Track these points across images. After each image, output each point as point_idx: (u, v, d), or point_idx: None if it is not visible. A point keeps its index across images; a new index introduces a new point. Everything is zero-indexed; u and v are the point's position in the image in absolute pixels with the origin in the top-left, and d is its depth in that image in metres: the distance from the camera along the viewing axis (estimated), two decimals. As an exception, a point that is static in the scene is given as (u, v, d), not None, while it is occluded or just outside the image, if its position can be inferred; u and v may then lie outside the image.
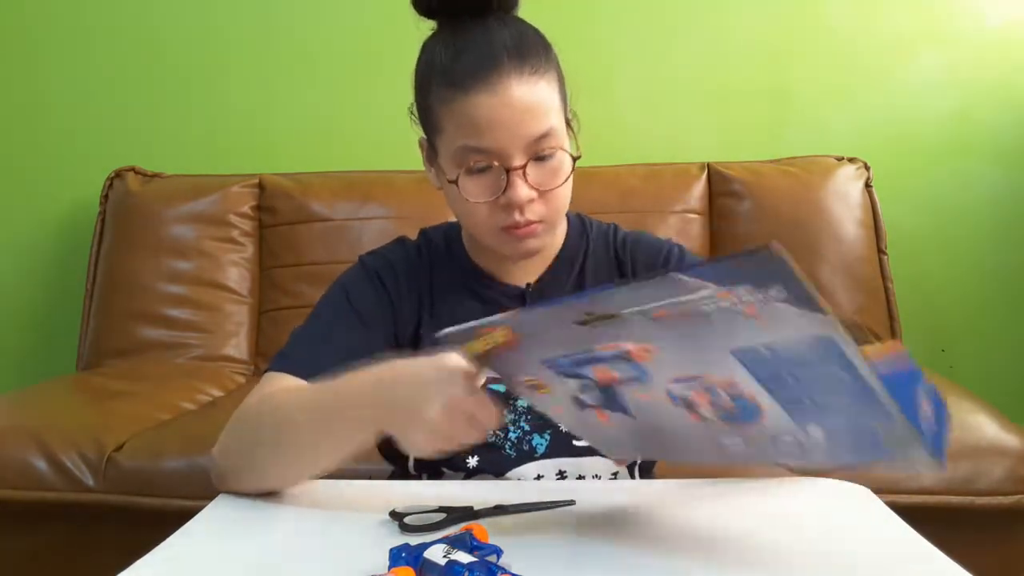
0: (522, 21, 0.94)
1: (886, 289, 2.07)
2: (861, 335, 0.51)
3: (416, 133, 0.99)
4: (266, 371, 0.96)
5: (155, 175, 2.27)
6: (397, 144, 2.30)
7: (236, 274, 2.17)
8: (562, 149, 0.91)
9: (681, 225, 2.10)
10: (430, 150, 0.97)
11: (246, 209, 2.20)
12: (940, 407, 0.57)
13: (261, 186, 2.22)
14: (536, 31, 0.93)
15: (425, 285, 1.02)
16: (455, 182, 0.90)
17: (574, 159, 0.92)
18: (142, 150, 2.33)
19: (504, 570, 0.61)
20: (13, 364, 2.40)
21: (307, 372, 0.91)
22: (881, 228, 2.09)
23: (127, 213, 2.19)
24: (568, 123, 0.94)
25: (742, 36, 2.29)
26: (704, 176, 2.16)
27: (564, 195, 0.94)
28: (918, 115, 2.26)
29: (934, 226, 2.26)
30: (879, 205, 2.10)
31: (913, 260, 2.22)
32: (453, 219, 1.05)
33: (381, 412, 0.78)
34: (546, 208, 0.92)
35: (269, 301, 2.17)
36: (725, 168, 2.15)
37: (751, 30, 2.29)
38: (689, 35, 2.31)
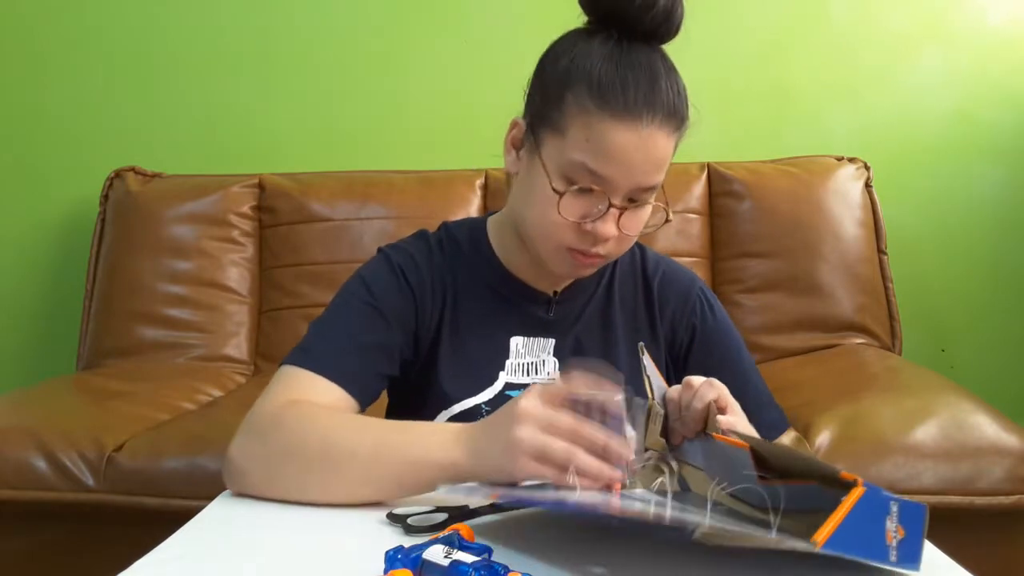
0: (674, 65, 0.94)
1: (886, 289, 2.07)
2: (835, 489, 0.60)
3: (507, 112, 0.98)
4: (283, 363, 0.93)
5: (155, 175, 2.27)
6: (397, 144, 2.32)
7: (236, 274, 2.16)
8: (657, 204, 0.93)
9: (681, 225, 2.10)
10: (528, 137, 0.94)
11: (246, 209, 2.20)
12: (914, 514, 0.62)
13: (261, 186, 2.22)
14: (683, 81, 0.95)
15: (448, 283, 1.01)
16: (561, 193, 0.89)
17: (667, 220, 0.95)
18: (142, 150, 2.33)
19: (509, 569, 0.61)
20: (13, 364, 2.40)
21: (328, 371, 0.90)
22: (881, 228, 2.09)
23: (127, 213, 2.19)
24: None
25: (742, 36, 2.29)
26: (704, 176, 2.15)
27: (633, 241, 0.96)
28: (918, 115, 2.26)
29: (934, 226, 2.26)
30: (879, 205, 2.10)
31: (913, 260, 2.22)
32: (461, 217, 1.04)
33: (459, 470, 0.77)
34: (616, 247, 0.94)
35: (269, 301, 2.16)
36: (725, 168, 2.15)
37: (751, 30, 2.29)
38: (689, 35, 2.30)
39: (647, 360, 0.84)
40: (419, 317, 0.98)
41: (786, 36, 2.29)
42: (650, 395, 0.82)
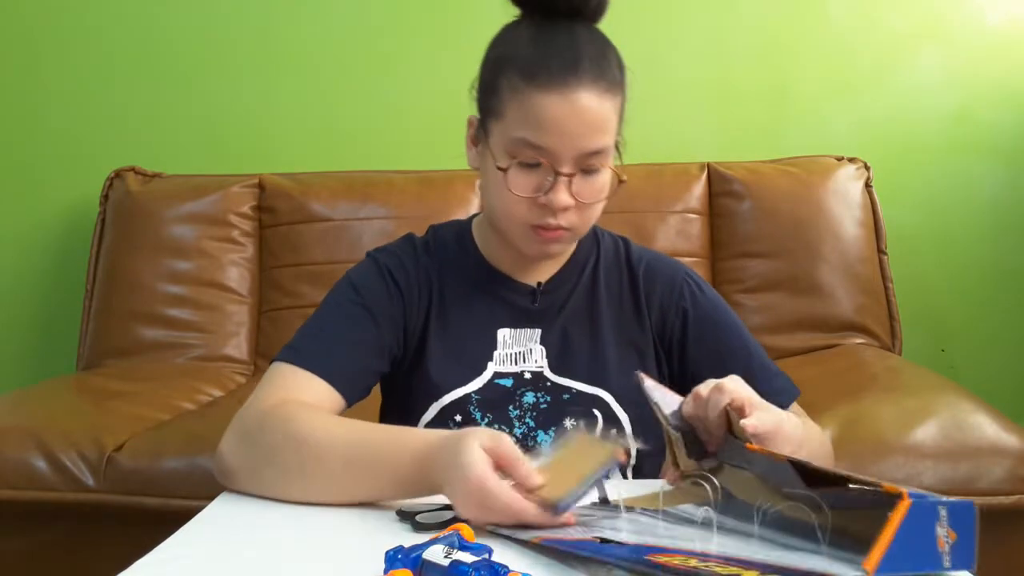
0: (606, 37, 0.96)
1: (886, 289, 2.07)
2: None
3: (468, 111, 1.02)
4: (274, 361, 0.97)
5: (155, 175, 2.27)
6: (397, 144, 2.32)
7: (236, 274, 2.16)
8: (609, 168, 0.94)
9: (681, 225, 2.10)
10: (479, 130, 0.99)
11: (246, 209, 2.19)
12: (964, 513, 0.58)
13: (261, 186, 2.21)
14: (617, 51, 0.96)
15: (434, 282, 1.03)
16: (505, 170, 0.92)
17: (620, 181, 0.95)
18: (142, 150, 2.33)
19: (509, 569, 0.61)
20: (13, 364, 2.39)
21: (317, 368, 0.93)
22: (881, 228, 2.09)
23: (127, 213, 2.19)
24: (617, 145, 0.97)
25: (742, 35, 2.29)
26: (704, 176, 2.15)
27: (598, 211, 0.97)
28: (918, 115, 2.26)
29: (934, 225, 2.26)
30: (879, 205, 2.10)
31: (913, 260, 2.22)
32: (460, 217, 1.07)
33: (420, 488, 0.80)
34: (578, 219, 0.95)
35: (269, 301, 2.16)
36: (725, 168, 2.15)
37: (751, 29, 2.29)
38: (689, 35, 2.31)
39: (648, 385, 0.82)
40: (407, 315, 1.01)
41: (785, 36, 2.29)
42: (663, 422, 0.80)
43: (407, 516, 0.77)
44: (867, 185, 2.11)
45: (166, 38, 2.36)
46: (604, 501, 0.78)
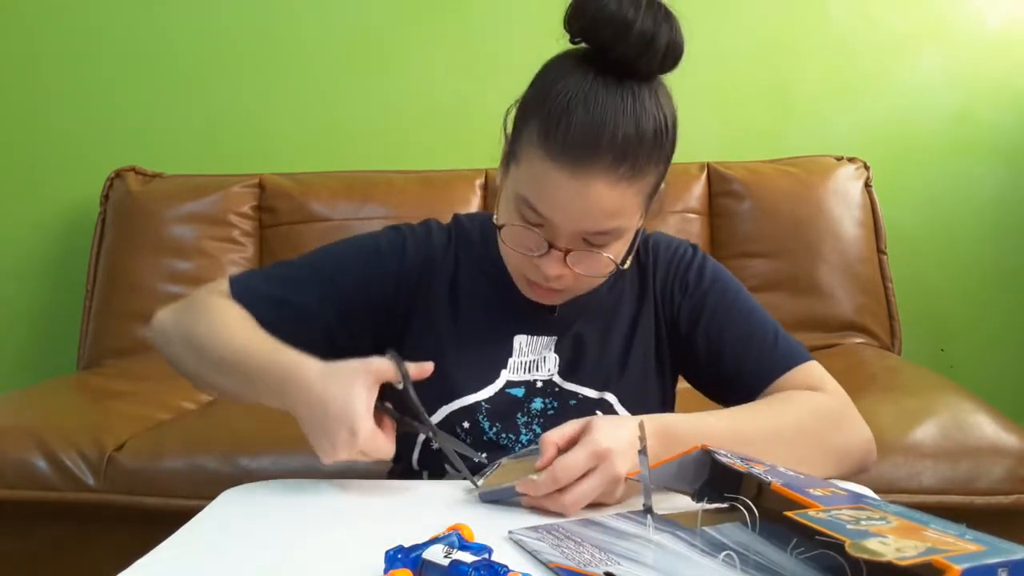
0: (655, 104, 0.87)
1: (886, 289, 2.07)
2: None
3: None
4: (232, 278, 1.02)
5: (155, 175, 2.27)
6: (397, 144, 2.33)
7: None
8: (616, 243, 0.89)
9: (681, 225, 2.10)
10: (507, 154, 0.92)
11: (246, 209, 2.20)
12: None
13: (261, 186, 2.22)
14: (660, 120, 0.87)
15: (449, 269, 1.02)
16: (500, 228, 0.90)
17: (619, 268, 0.91)
18: (142, 150, 2.33)
19: (509, 569, 0.61)
20: (13, 364, 2.40)
21: (253, 309, 0.96)
22: (881, 228, 2.09)
23: (127, 213, 2.19)
24: (649, 202, 0.91)
25: (742, 36, 2.30)
26: (704, 176, 2.16)
27: (598, 280, 0.94)
28: (918, 115, 2.26)
29: (934, 226, 2.26)
30: (879, 205, 2.10)
31: (913, 260, 2.22)
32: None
33: (291, 411, 0.85)
34: (575, 283, 0.91)
35: (269, 301, 2.16)
36: (725, 168, 2.15)
37: (751, 30, 2.30)
38: (689, 35, 2.30)
39: (643, 461, 0.77)
40: (394, 296, 1.00)
41: (786, 36, 2.29)
42: (648, 499, 0.77)
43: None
44: (867, 185, 2.11)
45: (166, 38, 2.36)
46: (648, 510, 0.77)
